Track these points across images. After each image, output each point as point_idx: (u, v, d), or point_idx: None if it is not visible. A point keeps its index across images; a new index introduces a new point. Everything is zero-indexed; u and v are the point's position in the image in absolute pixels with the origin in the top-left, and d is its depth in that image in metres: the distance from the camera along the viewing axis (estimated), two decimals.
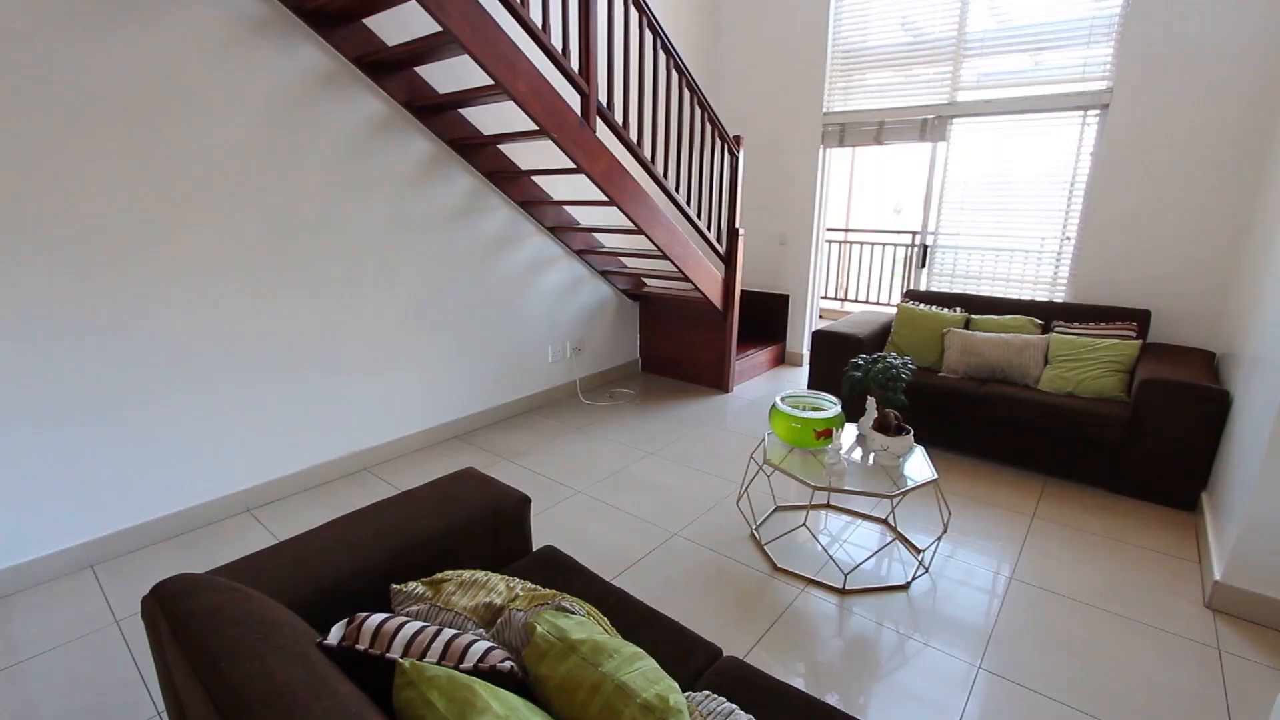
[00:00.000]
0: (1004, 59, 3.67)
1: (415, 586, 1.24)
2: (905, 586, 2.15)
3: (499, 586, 1.27)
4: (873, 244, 6.53)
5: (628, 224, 3.72)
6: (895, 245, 6.38)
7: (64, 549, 2.15)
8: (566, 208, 3.72)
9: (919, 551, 2.34)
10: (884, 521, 2.57)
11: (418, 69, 2.85)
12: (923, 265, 4.19)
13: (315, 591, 1.22)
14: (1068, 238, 3.64)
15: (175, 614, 0.91)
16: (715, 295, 3.92)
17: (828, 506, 2.69)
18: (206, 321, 2.38)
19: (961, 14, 3.75)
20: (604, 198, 3.12)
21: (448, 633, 0.99)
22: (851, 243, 6.80)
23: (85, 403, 2.13)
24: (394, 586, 1.25)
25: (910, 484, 2.11)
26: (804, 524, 2.50)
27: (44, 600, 2.03)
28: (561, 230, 3.72)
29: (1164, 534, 2.50)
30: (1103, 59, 3.35)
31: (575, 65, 2.73)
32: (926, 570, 2.25)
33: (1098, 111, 3.41)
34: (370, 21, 2.63)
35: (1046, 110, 3.55)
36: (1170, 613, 2.03)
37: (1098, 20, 3.33)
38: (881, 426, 2.30)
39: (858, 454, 2.36)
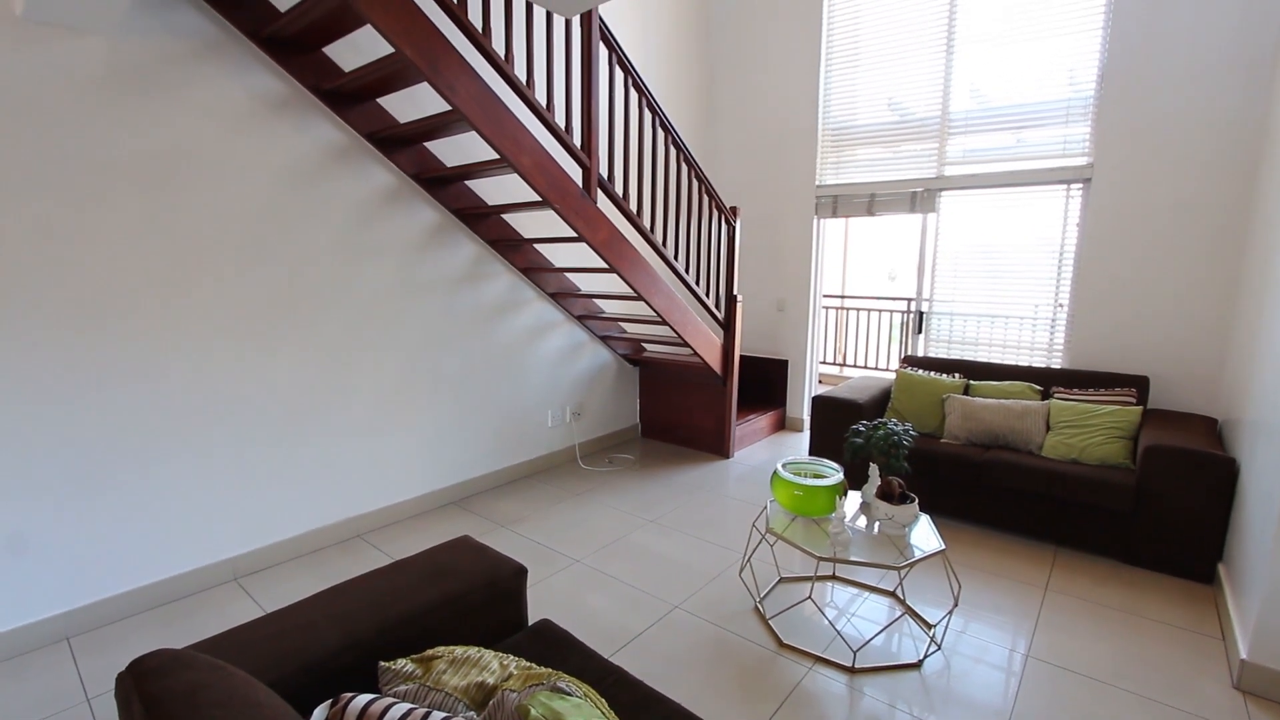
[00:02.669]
0: (987, 136, 3.85)
1: (404, 664, 1.19)
2: (918, 665, 2.05)
3: (492, 664, 1.21)
4: (869, 310, 6.63)
5: (628, 291, 3.79)
6: (891, 311, 6.48)
7: (38, 620, 2.07)
8: (568, 274, 3.80)
9: (930, 626, 2.25)
10: (892, 594, 2.48)
11: (427, 144, 2.98)
12: (919, 331, 4.24)
13: (300, 668, 1.16)
14: (1061, 305, 3.70)
15: (150, 694, 0.86)
16: (715, 360, 3.94)
17: (833, 578, 2.60)
18: (204, 384, 2.38)
19: (944, 95, 3.95)
20: (605, 265, 3.19)
21: (437, 716, 0.94)
22: (848, 309, 6.91)
23: (71, 465, 2.10)
24: (382, 664, 1.19)
25: (918, 554, 2.06)
26: (809, 597, 2.41)
27: (13, 676, 1.93)
28: (562, 296, 3.79)
29: (1183, 608, 2.41)
30: (1081, 136, 3.51)
31: (578, 141, 2.86)
32: (939, 647, 2.15)
33: (1080, 185, 3.54)
34: (384, 101, 2.77)
35: (1031, 184, 3.68)
36: (1198, 695, 1.93)
37: (1074, 102, 3.51)
38: (885, 494, 2.26)
39: (862, 522, 2.31)
